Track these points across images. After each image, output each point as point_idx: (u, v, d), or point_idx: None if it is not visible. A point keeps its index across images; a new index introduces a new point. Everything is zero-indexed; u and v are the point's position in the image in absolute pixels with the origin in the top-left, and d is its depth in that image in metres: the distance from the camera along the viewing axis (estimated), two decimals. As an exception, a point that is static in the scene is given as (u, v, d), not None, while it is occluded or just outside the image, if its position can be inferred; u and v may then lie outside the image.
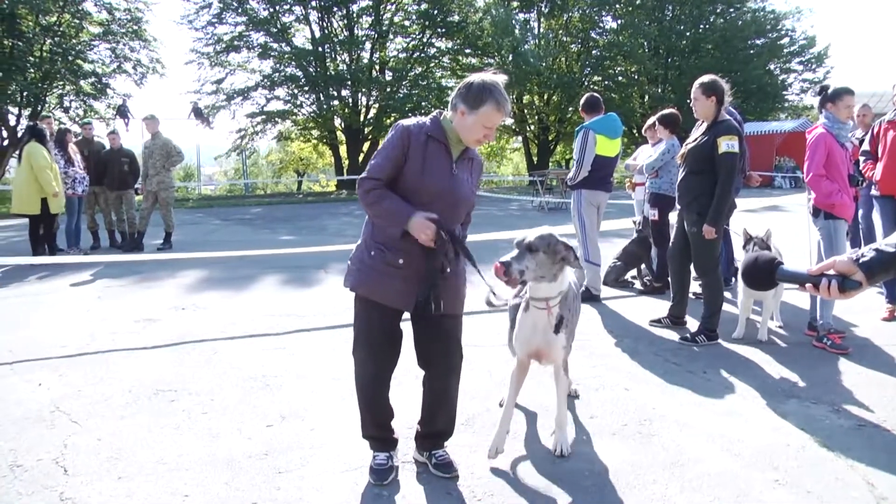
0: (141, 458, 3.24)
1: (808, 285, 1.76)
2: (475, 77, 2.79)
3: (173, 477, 3.05)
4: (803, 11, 32.77)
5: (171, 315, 6.14)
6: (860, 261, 1.72)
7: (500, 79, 2.79)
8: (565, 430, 3.25)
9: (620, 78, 32.29)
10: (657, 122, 6.74)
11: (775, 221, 11.33)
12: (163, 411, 3.83)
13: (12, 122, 24.60)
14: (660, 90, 31.01)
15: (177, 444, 3.39)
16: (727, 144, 4.83)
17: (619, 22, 31.40)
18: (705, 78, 5.02)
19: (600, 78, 32.00)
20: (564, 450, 3.18)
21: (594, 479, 2.98)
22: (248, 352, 4.98)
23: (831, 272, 1.74)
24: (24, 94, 23.89)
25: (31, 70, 23.97)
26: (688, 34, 31.88)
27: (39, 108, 24.26)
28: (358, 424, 3.06)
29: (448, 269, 2.82)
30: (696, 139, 5.05)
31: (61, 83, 25.38)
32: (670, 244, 5.42)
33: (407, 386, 3.57)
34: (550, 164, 32.32)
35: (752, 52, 31.91)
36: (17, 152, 9.72)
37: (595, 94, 6.77)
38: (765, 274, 1.82)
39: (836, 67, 35.86)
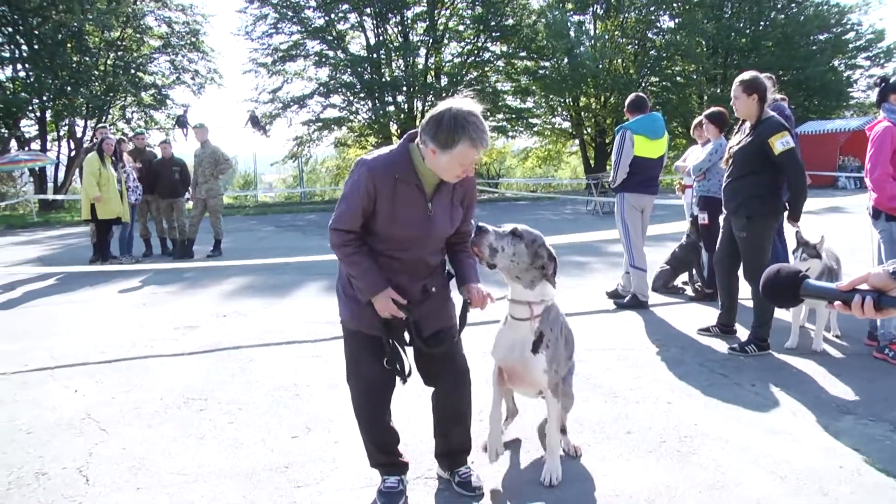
0: (162, 468, 3.21)
1: (836, 303, 1.48)
2: (444, 108, 2.41)
3: (191, 489, 3.00)
4: (871, 3, 31.32)
5: (212, 322, 6.18)
6: None
7: (476, 107, 2.43)
8: (556, 457, 3.00)
9: (678, 78, 31.41)
10: (704, 121, 6.45)
11: (837, 223, 10.87)
12: (190, 420, 3.81)
13: (78, 133, 25.61)
14: (719, 90, 29.98)
15: (199, 455, 3.35)
16: (781, 143, 4.54)
17: (677, 21, 30.61)
18: (745, 75, 4.73)
19: (658, 79, 31.24)
20: (554, 479, 2.92)
21: (625, 501, 2.79)
22: (283, 359, 4.95)
23: (865, 287, 1.45)
24: (89, 106, 24.84)
25: (96, 83, 24.94)
26: (747, 32, 30.82)
27: (104, 119, 25.21)
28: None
29: (433, 290, 2.70)
30: (739, 141, 4.77)
31: (123, 95, 26.33)
32: (716, 249, 5.15)
33: (425, 398, 3.44)
34: (607, 166, 31.74)
35: (814, 48, 30.62)
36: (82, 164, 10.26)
37: (641, 95, 6.54)
38: (787, 289, 1.53)
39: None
